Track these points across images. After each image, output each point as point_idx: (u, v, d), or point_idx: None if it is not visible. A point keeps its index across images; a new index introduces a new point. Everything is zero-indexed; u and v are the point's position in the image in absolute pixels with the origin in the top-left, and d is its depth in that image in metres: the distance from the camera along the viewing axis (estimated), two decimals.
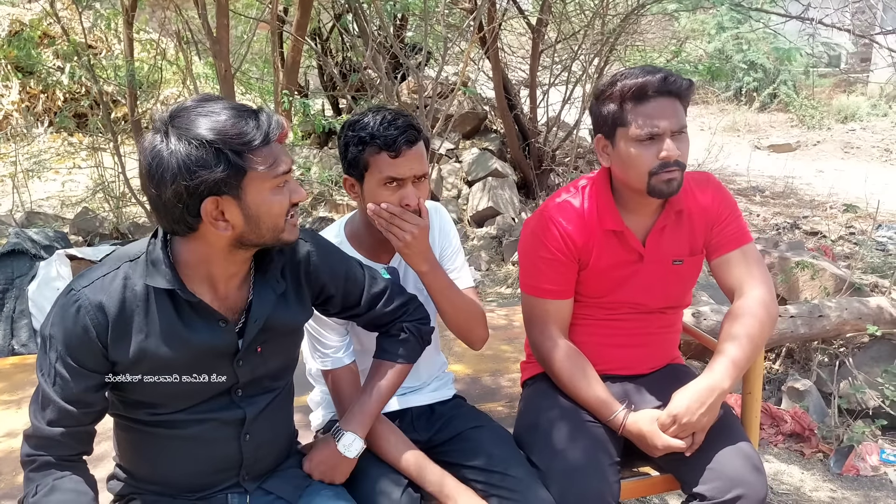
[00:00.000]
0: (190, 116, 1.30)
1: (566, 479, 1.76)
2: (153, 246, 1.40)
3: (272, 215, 1.37)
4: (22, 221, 4.89)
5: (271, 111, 1.38)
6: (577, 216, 1.91)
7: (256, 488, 1.59)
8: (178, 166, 1.27)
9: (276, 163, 1.35)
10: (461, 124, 6.51)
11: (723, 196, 1.96)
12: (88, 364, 1.38)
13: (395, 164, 1.69)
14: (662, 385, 1.99)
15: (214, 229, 1.34)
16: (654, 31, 7.74)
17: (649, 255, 1.92)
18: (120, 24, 4.26)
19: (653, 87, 1.74)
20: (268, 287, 1.49)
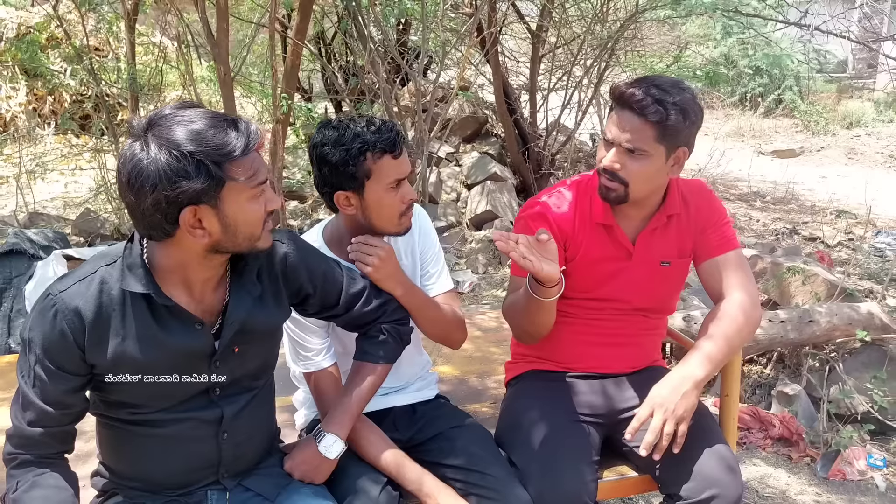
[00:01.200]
0: (168, 124, 1.31)
1: (543, 479, 1.78)
2: (129, 250, 1.43)
3: (249, 224, 1.39)
4: (25, 222, 4.96)
5: (248, 120, 1.40)
6: (569, 207, 1.97)
7: (236, 485, 1.61)
8: (158, 176, 1.28)
9: (256, 173, 1.37)
10: (461, 128, 6.55)
11: (712, 203, 2.01)
12: (67, 367, 1.41)
13: (398, 165, 1.73)
14: (643, 384, 2.01)
15: (191, 237, 1.36)
16: (657, 36, 7.76)
17: (638, 254, 1.96)
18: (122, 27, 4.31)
19: (629, 98, 1.78)
20: (244, 290, 1.52)
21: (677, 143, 1.82)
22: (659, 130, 1.77)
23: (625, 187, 1.84)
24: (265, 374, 1.65)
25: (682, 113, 1.77)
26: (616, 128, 1.81)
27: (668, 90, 1.78)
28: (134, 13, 4.42)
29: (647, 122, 1.77)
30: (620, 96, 1.80)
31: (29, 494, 1.40)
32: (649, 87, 1.78)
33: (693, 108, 1.80)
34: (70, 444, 1.51)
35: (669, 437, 1.76)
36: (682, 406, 1.77)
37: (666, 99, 1.76)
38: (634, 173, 1.82)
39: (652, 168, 1.82)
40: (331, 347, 1.84)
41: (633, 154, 1.80)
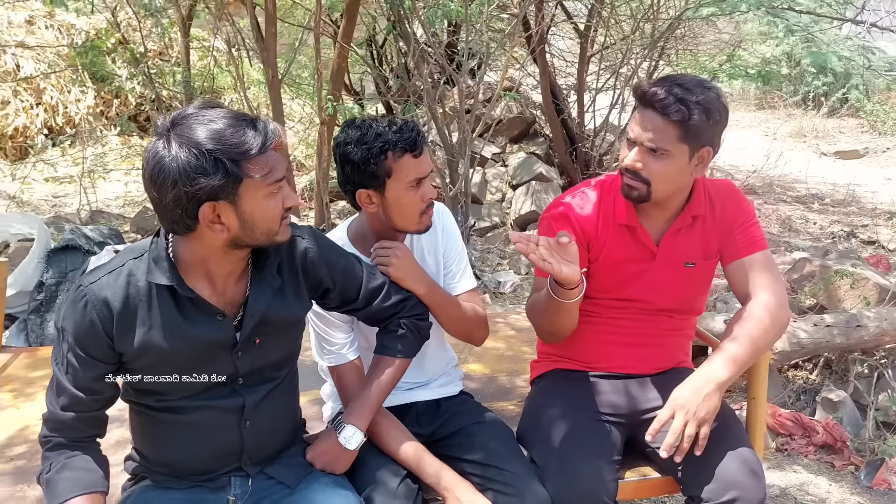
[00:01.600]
0: (190, 124, 1.37)
1: (562, 476, 1.79)
2: (155, 244, 1.50)
3: (266, 220, 1.45)
4: (86, 219, 5.18)
5: (268, 119, 1.45)
6: (592, 208, 1.98)
7: (258, 472, 1.66)
8: (178, 172, 1.35)
9: (272, 171, 1.42)
10: (509, 128, 6.55)
11: (740, 204, 1.99)
12: (96, 355, 1.48)
13: (419, 164, 1.77)
14: (667, 385, 2.00)
15: (211, 232, 1.42)
16: (712, 34, 7.61)
17: (662, 255, 1.95)
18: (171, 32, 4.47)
19: (652, 97, 1.78)
20: (264, 283, 1.57)
21: (701, 142, 1.80)
22: (682, 130, 1.76)
23: (647, 186, 1.84)
24: (287, 365, 1.70)
25: (705, 112, 1.76)
26: (638, 127, 1.81)
27: (691, 89, 1.77)
28: (188, 18, 4.58)
29: (669, 122, 1.76)
30: (643, 95, 1.80)
31: (60, 475, 1.49)
32: (672, 86, 1.76)
33: (717, 107, 1.78)
34: (101, 428, 1.59)
35: (691, 439, 1.74)
36: (703, 408, 1.75)
37: (689, 98, 1.75)
38: (656, 173, 1.82)
39: (674, 168, 1.81)
40: (354, 342, 1.88)
41: (656, 153, 1.80)
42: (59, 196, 7.12)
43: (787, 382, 3.44)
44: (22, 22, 9.19)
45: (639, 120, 1.81)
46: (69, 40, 8.86)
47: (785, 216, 6.51)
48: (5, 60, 8.66)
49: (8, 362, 2.70)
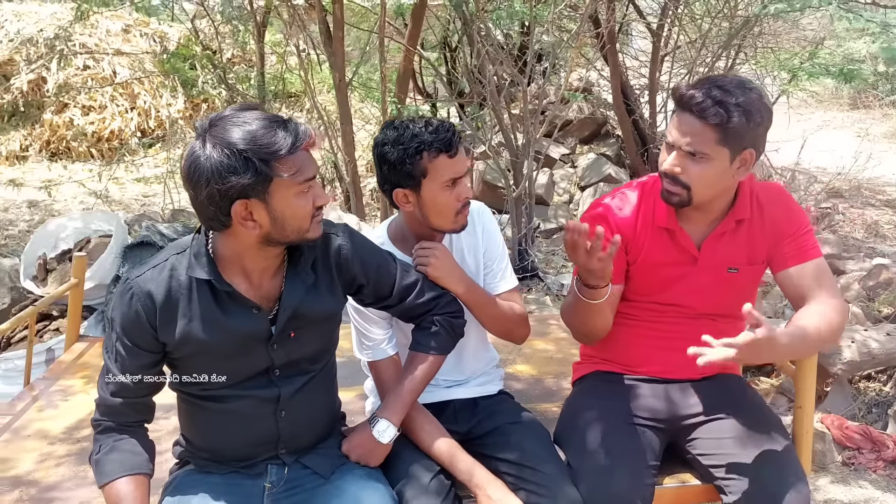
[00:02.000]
0: (225, 125, 1.45)
1: (595, 478, 1.78)
2: (196, 241, 1.59)
3: (297, 218, 1.51)
4: (168, 217, 5.45)
5: (299, 121, 1.52)
6: (631, 210, 1.96)
7: (294, 461, 1.73)
8: (211, 171, 1.42)
9: (301, 171, 1.48)
10: (579, 129, 6.50)
11: (791, 211, 1.93)
12: (141, 344, 1.58)
13: (454, 164, 1.81)
14: (711, 393, 1.97)
15: (244, 229, 1.49)
16: (796, 32, 7.32)
17: (704, 259, 1.91)
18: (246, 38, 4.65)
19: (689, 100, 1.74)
20: (298, 279, 1.63)
21: (742, 145, 1.76)
22: (721, 133, 1.72)
23: (687, 191, 1.80)
24: (323, 359, 1.76)
25: (745, 114, 1.71)
26: (676, 131, 1.78)
27: (730, 91, 1.73)
28: (263, 25, 4.75)
29: (707, 125, 1.72)
30: (680, 98, 1.77)
31: (108, 457, 1.60)
32: (710, 89, 1.73)
33: (758, 108, 1.74)
34: (148, 414, 1.69)
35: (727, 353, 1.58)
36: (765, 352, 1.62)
37: (727, 100, 1.71)
38: (696, 177, 1.78)
39: (714, 171, 1.77)
40: (393, 338, 1.92)
41: (695, 157, 1.76)
42: (147, 196, 7.50)
43: (857, 394, 3.29)
44: (119, 31, 9.75)
45: (677, 123, 1.78)
46: (161, 48, 9.34)
47: (871, 221, 6.19)
48: (103, 67, 9.21)
49: (84, 350, 2.89)
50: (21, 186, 6.70)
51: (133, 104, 9.09)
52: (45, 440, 2.23)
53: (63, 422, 2.33)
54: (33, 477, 2.04)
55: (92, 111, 8.94)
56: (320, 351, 1.75)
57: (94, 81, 9.03)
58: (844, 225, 6.00)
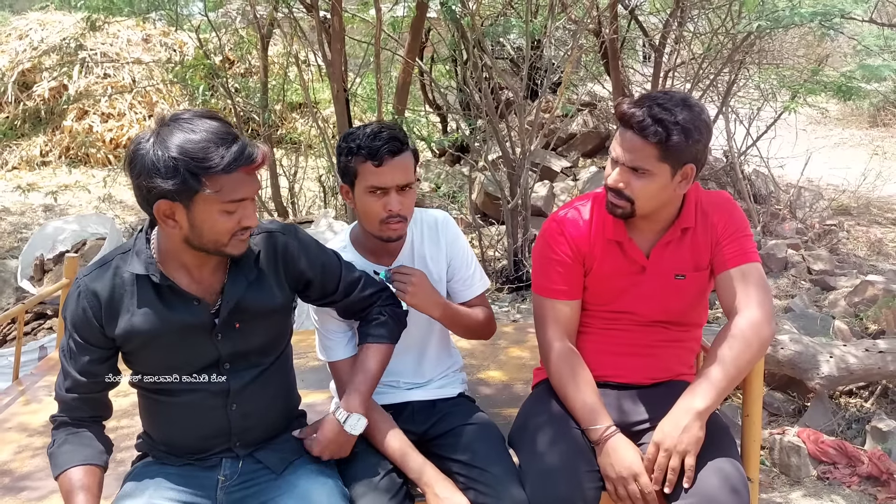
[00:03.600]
0: (174, 128, 1.51)
1: (539, 480, 1.82)
2: (138, 239, 1.67)
3: (214, 232, 1.56)
4: None
5: (249, 141, 1.55)
6: (584, 224, 2.01)
7: (247, 455, 1.78)
8: (142, 167, 1.50)
9: (230, 191, 1.52)
10: (583, 143, 6.54)
11: (732, 215, 1.96)
12: (90, 340, 1.65)
13: (379, 173, 1.85)
14: (660, 400, 1.99)
15: (165, 226, 1.56)
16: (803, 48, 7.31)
17: (652, 267, 1.96)
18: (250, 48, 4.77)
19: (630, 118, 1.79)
20: (241, 274, 1.70)
21: (682, 160, 1.81)
22: (661, 150, 1.77)
23: (630, 204, 1.86)
24: (273, 352, 1.80)
25: (684, 132, 1.76)
26: (619, 147, 1.83)
27: (670, 109, 1.77)
28: (267, 36, 4.87)
29: (648, 143, 1.77)
30: (622, 116, 1.81)
31: (61, 449, 1.67)
32: (651, 107, 1.77)
33: (697, 125, 1.78)
34: (102, 411, 1.75)
35: (676, 472, 1.75)
36: (684, 440, 1.75)
37: (667, 119, 1.75)
38: (639, 191, 1.83)
39: (656, 186, 1.83)
40: (353, 339, 1.97)
41: (637, 172, 1.81)
42: None
43: (837, 409, 3.29)
44: (139, 40, 9.98)
45: (619, 140, 1.83)
46: (181, 57, 9.54)
47: (876, 238, 6.15)
48: (122, 76, 9.43)
49: None
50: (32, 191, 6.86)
51: (151, 112, 9.28)
52: (25, 432, 2.32)
53: (44, 415, 2.40)
54: (8, 467, 2.13)
55: (111, 118, 9.15)
56: (269, 344, 1.79)
57: (113, 89, 9.24)
58: (848, 242, 5.98)
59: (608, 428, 1.85)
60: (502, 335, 3.24)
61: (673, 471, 1.75)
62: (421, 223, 2.08)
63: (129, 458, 2.17)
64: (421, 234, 2.07)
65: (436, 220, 2.09)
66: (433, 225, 2.09)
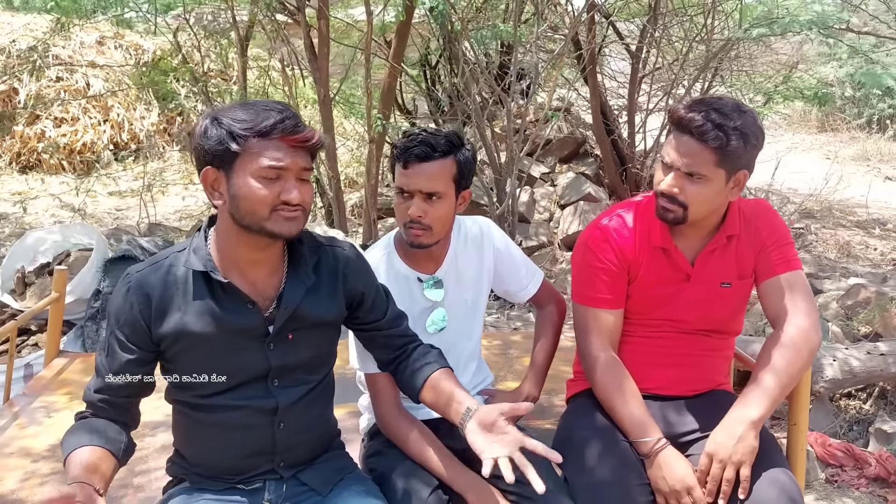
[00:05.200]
0: (238, 104, 1.53)
1: (590, 494, 1.78)
2: (197, 237, 1.61)
3: (250, 201, 1.49)
4: (145, 231, 5.37)
5: (298, 115, 1.53)
6: (629, 231, 1.97)
7: (291, 477, 1.70)
8: (195, 135, 1.52)
9: (268, 156, 1.47)
10: (559, 148, 6.55)
11: (773, 222, 1.96)
12: (133, 339, 1.56)
13: (403, 175, 1.85)
14: (704, 410, 1.97)
15: (211, 198, 1.53)
16: (769, 55, 7.48)
17: (697, 275, 1.93)
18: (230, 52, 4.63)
19: (689, 123, 1.76)
20: (298, 279, 1.63)
21: (737, 166, 1.79)
22: (719, 155, 1.75)
23: (683, 210, 1.83)
24: (320, 371, 1.73)
25: (742, 137, 1.74)
26: (675, 152, 1.80)
27: (728, 114, 1.75)
28: (246, 39, 4.73)
29: (706, 148, 1.75)
30: (679, 121, 1.79)
31: (73, 433, 1.56)
32: (709, 112, 1.75)
33: (754, 131, 1.77)
34: (128, 419, 1.63)
35: (731, 484, 1.72)
36: (739, 451, 1.73)
37: (726, 124, 1.73)
38: (693, 196, 1.81)
39: (711, 191, 1.81)
40: None
41: (692, 178, 1.79)
42: (121, 209, 7.40)
43: (838, 412, 3.34)
44: (93, 43, 9.65)
45: (675, 145, 1.80)
46: (136, 60, 9.26)
47: (843, 241, 6.32)
48: (76, 79, 9.09)
49: (65, 366, 2.82)
50: None
51: (106, 116, 8.98)
52: (29, 458, 2.17)
53: (46, 439, 2.28)
54: (17, 496, 1.99)
55: (64, 123, 8.82)
56: (318, 360, 1.72)
57: (67, 93, 8.92)
58: (818, 245, 6.13)
59: (658, 440, 1.82)
60: (512, 344, 3.19)
61: (728, 482, 1.73)
62: (465, 231, 2.05)
63: (145, 483, 2.07)
64: (465, 242, 2.04)
65: (480, 228, 2.08)
66: (477, 233, 2.06)
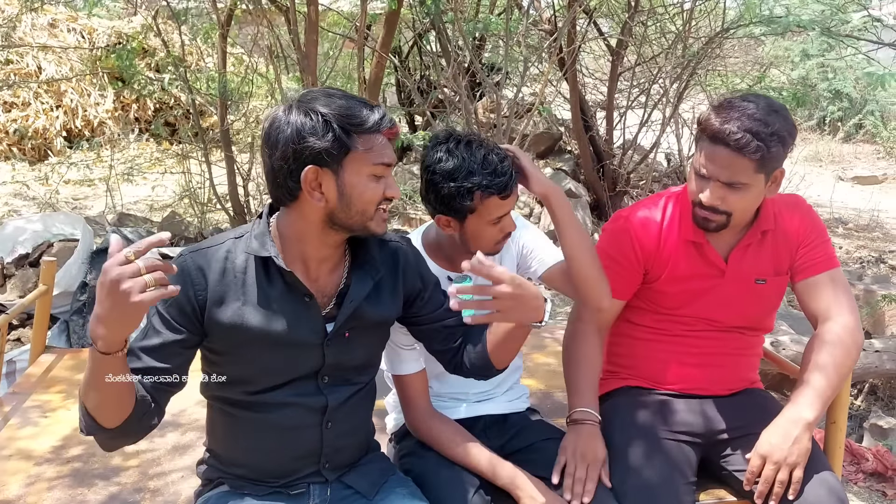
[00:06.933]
0: (315, 96, 1.43)
1: (640, 497, 1.75)
2: (258, 223, 1.51)
3: (363, 200, 1.44)
4: (114, 222, 5.15)
5: (387, 110, 1.47)
6: (655, 224, 1.94)
7: (336, 480, 1.63)
8: (291, 131, 1.39)
9: (379, 152, 1.43)
10: (535, 143, 6.54)
11: (811, 219, 1.94)
12: (180, 320, 1.45)
13: (505, 205, 1.73)
14: (742, 409, 1.96)
15: (310, 199, 1.42)
16: (736, 56, 7.62)
17: (731, 271, 1.91)
18: (215, 37, 4.47)
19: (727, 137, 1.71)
20: (366, 274, 1.56)
21: (775, 167, 1.76)
22: (759, 163, 1.71)
23: (727, 217, 1.80)
24: (368, 372, 1.67)
25: (781, 142, 1.71)
26: (712, 164, 1.75)
27: (762, 120, 1.70)
28: (227, 23, 4.57)
29: (746, 158, 1.70)
30: (715, 134, 1.73)
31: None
32: (743, 120, 1.69)
33: (790, 130, 1.73)
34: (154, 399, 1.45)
35: (783, 485, 1.71)
36: (794, 452, 1.71)
37: (763, 131, 1.68)
38: (736, 204, 1.78)
39: (752, 196, 1.78)
40: (421, 352, 1.85)
41: (732, 187, 1.75)
42: (79, 199, 7.10)
43: None
44: (45, 25, 9.23)
45: (711, 156, 1.75)
46: (90, 44, 8.89)
47: None
48: (27, 62, 8.69)
49: (53, 363, 2.66)
50: None
51: (59, 102, 8.61)
52: (31, 461, 2.03)
53: (47, 441, 2.13)
54: (25, 501, 1.85)
55: (14, 108, 8.42)
56: (367, 362, 1.66)
57: (18, 77, 8.52)
58: None
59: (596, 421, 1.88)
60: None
61: (781, 484, 1.71)
62: None
63: (161, 486, 1.96)
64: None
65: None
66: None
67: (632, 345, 2.07)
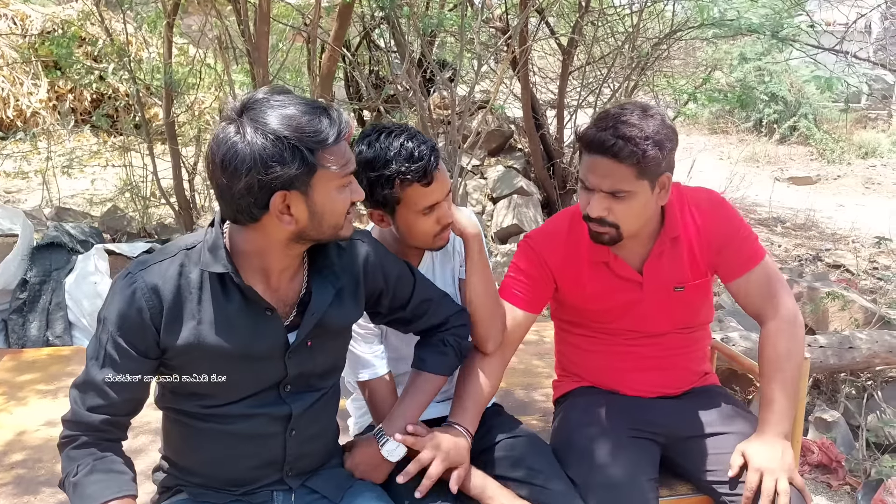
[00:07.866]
0: (264, 109, 1.31)
1: (606, 494, 1.76)
2: (211, 235, 1.42)
3: (335, 213, 1.39)
4: (52, 216, 4.94)
5: (339, 108, 1.40)
6: (563, 244, 1.93)
7: (300, 486, 1.59)
8: (253, 160, 1.28)
9: (345, 162, 1.37)
10: (487, 142, 6.54)
11: (728, 218, 1.91)
12: (139, 346, 1.39)
13: (429, 192, 1.69)
14: (698, 409, 1.98)
15: (279, 223, 1.35)
16: (679, 58, 7.76)
17: (648, 282, 1.90)
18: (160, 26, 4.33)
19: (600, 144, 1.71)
20: (326, 282, 1.51)
21: (659, 172, 1.75)
22: (637, 168, 1.71)
23: (616, 229, 1.79)
24: (332, 377, 1.63)
25: (657, 145, 1.70)
26: (593, 175, 1.75)
27: (636, 124, 1.70)
28: (173, 13, 4.43)
29: (622, 164, 1.70)
30: (590, 143, 1.73)
31: (88, 478, 1.38)
32: (616, 126, 1.70)
33: (666, 133, 1.73)
34: (125, 433, 1.49)
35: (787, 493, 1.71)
36: (788, 459, 1.76)
37: (636, 135, 1.68)
38: (622, 214, 1.77)
39: (639, 204, 1.77)
40: (384, 355, 1.84)
41: (616, 196, 1.75)
42: (11, 192, 6.80)
43: None
44: None
45: (591, 167, 1.75)
46: (22, 30, 8.53)
47: None
48: None
49: None
50: None
51: None
52: None
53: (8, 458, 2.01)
54: None
55: None
56: (332, 367, 1.62)
57: None
58: None
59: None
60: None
61: (785, 493, 1.71)
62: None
63: None
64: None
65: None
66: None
67: (580, 354, 2.08)
